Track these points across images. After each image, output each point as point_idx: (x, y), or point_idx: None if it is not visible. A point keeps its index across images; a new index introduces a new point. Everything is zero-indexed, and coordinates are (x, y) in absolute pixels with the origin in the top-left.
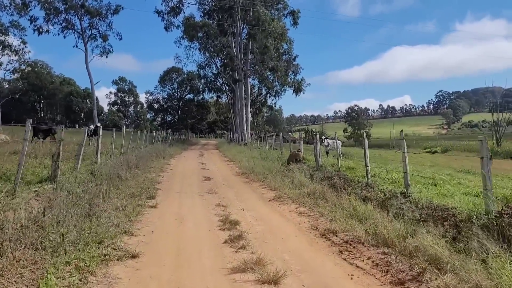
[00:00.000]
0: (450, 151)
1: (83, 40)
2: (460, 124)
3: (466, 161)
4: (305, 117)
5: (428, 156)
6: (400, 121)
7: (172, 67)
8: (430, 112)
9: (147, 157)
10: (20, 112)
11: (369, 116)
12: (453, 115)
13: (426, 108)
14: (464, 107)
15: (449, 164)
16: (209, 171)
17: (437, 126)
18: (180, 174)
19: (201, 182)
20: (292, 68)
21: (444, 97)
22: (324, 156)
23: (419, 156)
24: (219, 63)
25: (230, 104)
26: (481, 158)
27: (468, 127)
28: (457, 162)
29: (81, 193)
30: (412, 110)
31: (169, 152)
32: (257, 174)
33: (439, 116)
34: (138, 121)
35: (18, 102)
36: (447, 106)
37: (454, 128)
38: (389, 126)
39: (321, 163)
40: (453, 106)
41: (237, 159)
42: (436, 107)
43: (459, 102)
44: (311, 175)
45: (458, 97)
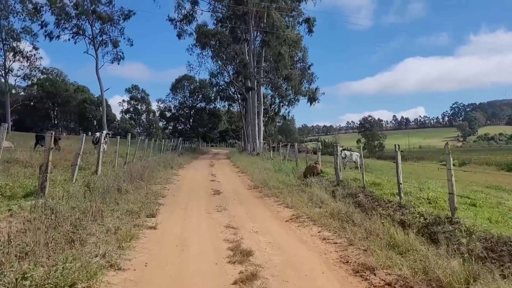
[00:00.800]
0: (468, 164)
1: (94, 46)
2: (476, 136)
3: (488, 176)
4: (317, 127)
5: None
6: (414, 133)
7: (184, 75)
8: (445, 124)
9: (154, 167)
10: (34, 119)
11: (382, 127)
12: (469, 128)
13: (441, 120)
14: (480, 119)
15: (471, 178)
16: (219, 184)
17: (452, 138)
18: (188, 187)
19: (209, 197)
20: (306, 76)
21: (459, 109)
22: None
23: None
24: (231, 71)
25: (242, 113)
26: None
27: (484, 140)
28: (478, 177)
29: (68, 211)
30: (426, 122)
31: (178, 161)
32: (271, 188)
33: (454, 128)
34: (150, 129)
35: (32, 109)
36: (463, 118)
37: (470, 140)
38: (403, 138)
39: (342, 177)
40: (469, 118)
41: (249, 171)
42: (451, 119)
43: (475, 114)
44: (332, 192)
45: (473, 109)
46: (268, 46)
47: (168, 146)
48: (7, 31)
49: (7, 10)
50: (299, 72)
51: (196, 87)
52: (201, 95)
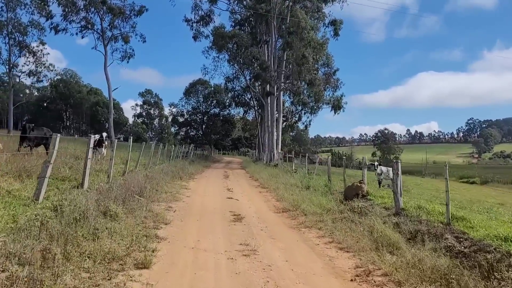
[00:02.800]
0: (491, 182)
1: (103, 41)
2: (492, 154)
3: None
4: (330, 138)
5: (473, 188)
6: (428, 148)
7: (199, 79)
8: (459, 140)
9: (160, 177)
10: (46, 119)
11: (395, 141)
12: (484, 144)
13: (455, 135)
14: (496, 136)
15: (497, 198)
16: (238, 203)
17: (467, 154)
18: (199, 207)
19: (228, 225)
20: (332, 82)
21: (474, 125)
22: (384, 189)
23: (469, 188)
24: (248, 76)
25: (257, 120)
26: None
27: (500, 157)
28: (503, 196)
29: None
30: (440, 137)
31: (189, 170)
32: (306, 213)
33: (469, 144)
34: (162, 134)
35: (45, 110)
36: (478, 135)
37: (485, 157)
38: (417, 152)
39: (402, 203)
40: (484, 135)
41: (270, 186)
42: (466, 135)
43: (491, 131)
44: (395, 225)
45: (489, 126)
46: (291, 48)
47: (178, 152)
48: (13, 24)
49: (14, 2)
50: (323, 77)
51: (211, 92)
52: (215, 101)
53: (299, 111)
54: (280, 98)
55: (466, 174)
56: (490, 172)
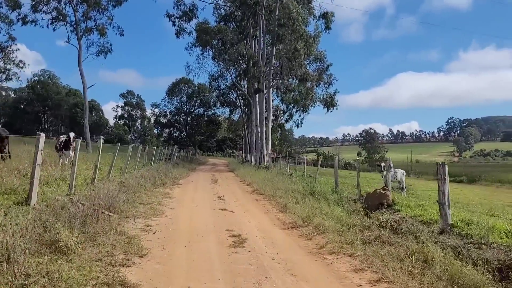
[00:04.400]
0: (478, 181)
1: (77, 34)
2: (472, 152)
3: (500, 193)
4: (313, 138)
5: (465, 188)
6: (410, 147)
7: (182, 78)
8: (440, 139)
9: (139, 184)
10: (24, 122)
11: (378, 140)
12: (465, 143)
13: (436, 134)
14: (476, 135)
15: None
16: (234, 216)
17: (448, 153)
18: (187, 225)
19: (227, 254)
20: (324, 78)
21: (455, 124)
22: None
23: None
24: (234, 74)
25: (244, 120)
26: None
27: (480, 155)
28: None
29: None
30: (422, 136)
31: (173, 174)
32: (323, 230)
33: (450, 143)
34: (144, 136)
35: (22, 112)
36: (458, 134)
37: (466, 156)
38: (399, 151)
39: (451, 218)
40: (465, 133)
41: (267, 192)
42: (446, 134)
43: (471, 130)
44: (457, 251)
45: (469, 125)
46: (282, 42)
47: (161, 154)
48: None
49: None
50: (316, 73)
51: (195, 91)
52: (200, 100)
53: (290, 109)
54: (269, 96)
55: (453, 173)
56: (474, 170)
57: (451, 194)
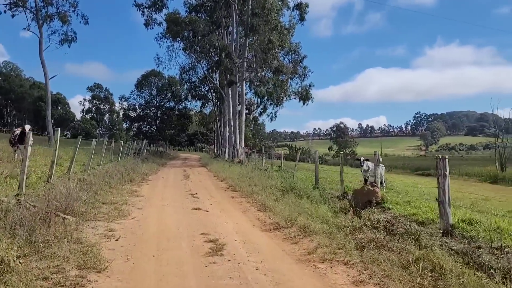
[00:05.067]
0: None
1: (37, 21)
2: (438, 146)
3: (469, 187)
4: (285, 133)
5: (433, 181)
6: (379, 141)
7: (152, 70)
8: (407, 133)
9: (103, 182)
10: None
11: (348, 134)
12: (431, 137)
13: (404, 129)
14: (442, 129)
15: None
16: (209, 217)
17: (415, 147)
18: (156, 229)
19: (204, 264)
20: (299, 71)
21: (421, 119)
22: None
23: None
24: (206, 67)
25: (216, 113)
26: None
27: (445, 149)
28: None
29: None
30: (390, 131)
31: (142, 170)
32: (309, 232)
33: (417, 137)
34: (113, 130)
35: None
36: (425, 128)
37: (432, 150)
38: (368, 145)
39: (452, 219)
40: (431, 128)
41: (243, 188)
42: (413, 129)
43: (437, 124)
44: (467, 257)
45: (435, 119)
46: (255, 33)
47: (129, 149)
48: None
49: None
50: (290, 65)
51: (165, 84)
52: (170, 94)
53: (264, 102)
54: (243, 89)
55: (421, 167)
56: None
57: (425, 188)
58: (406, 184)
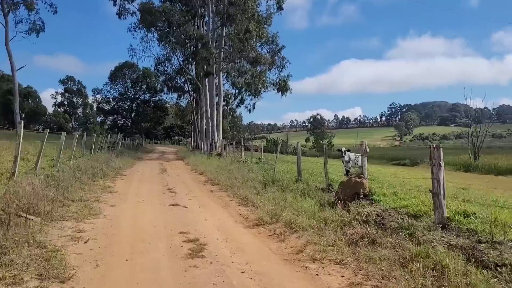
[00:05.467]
0: (421, 164)
1: (2, 9)
2: (412, 136)
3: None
4: (262, 125)
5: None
6: (355, 132)
7: (126, 62)
8: (382, 124)
9: (73, 178)
10: None
11: (325, 126)
12: (405, 128)
13: (379, 119)
14: (415, 120)
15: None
16: (188, 213)
17: (390, 137)
18: (130, 228)
19: (183, 269)
20: (277, 61)
21: (396, 109)
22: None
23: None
24: (181, 58)
25: (192, 106)
26: None
27: (419, 139)
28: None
29: None
30: (365, 121)
31: (117, 164)
32: (296, 228)
33: (391, 128)
34: (87, 124)
35: None
36: (399, 119)
37: (407, 140)
38: (345, 136)
39: (447, 212)
40: (405, 118)
41: (223, 182)
42: (388, 119)
43: (410, 115)
44: (469, 255)
45: (409, 110)
46: (232, 22)
47: (103, 143)
48: None
49: None
50: (268, 55)
51: (139, 76)
52: (145, 86)
53: (242, 93)
54: (220, 80)
55: (397, 157)
56: (415, 153)
57: (402, 177)
58: (385, 174)
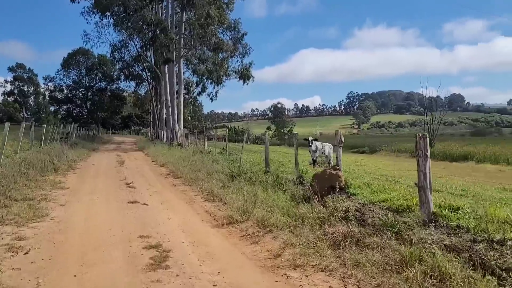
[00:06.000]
0: (379, 151)
1: None
2: (369, 124)
3: (403, 162)
4: (223, 114)
5: (371, 158)
6: (314, 120)
7: (79, 48)
8: (341, 112)
9: (19, 173)
10: None
11: (285, 114)
12: (363, 116)
13: (337, 108)
14: (372, 108)
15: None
16: (149, 211)
17: (348, 126)
18: (80, 234)
19: (143, 285)
20: (240, 48)
21: (354, 98)
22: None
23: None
24: (139, 44)
25: (152, 94)
26: None
27: (376, 127)
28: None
29: None
30: (324, 110)
31: (70, 156)
32: (270, 227)
33: (349, 116)
34: (39, 114)
35: None
36: (357, 107)
37: (364, 128)
38: (305, 125)
39: (433, 206)
40: (363, 107)
41: (186, 174)
42: (346, 108)
43: (368, 103)
44: (465, 257)
45: (366, 99)
46: (193, 7)
47: (55, 133)
48: None
49: None
50: (231, 42)
51: (95, 63)
52: (101, 73)
53: (203, 81)
54: (180, 67)
55: (356, 144)
56: (373, 141)
57: (364, 166)
58: (347, 163)
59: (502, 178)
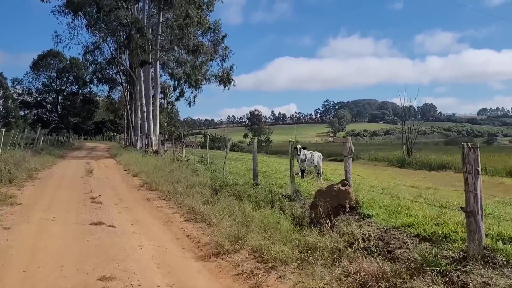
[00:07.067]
0: (357, 160)
1: None
2: (345, 132)
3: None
4: (199, 120)
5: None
6: (291, 128)
7: (50, 50)
8: (317, 120)
9: None
10: None
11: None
12: (338, 124)
13: (314, 116)
14: (348, 117)
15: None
16: (115, 238)
17: (324, 134)
18: (19, 278)
19: None
20: (220, 51)
21: (329, 106)
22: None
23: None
24: (113, 46)
25: (126, 98)
26: None
27: (351, 135)
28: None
29: None
30: (301, 118)
31: (32, 164)
32: (271, 262)
33: (325, 124)
34: (8, 118)
35: None
36: (333, 116)
37: (340, 136)
38: (282, 133)
39: (485, 241)
40: (338, 115)
41: (162, 187)
42: (322, 116)
43: (343, 112)
44: None
45: (341, 107)
46: (171, 6)
47: (18, 139)
48: None
49: None
50: (210, 44)
51: (66, 66)
52: (73, 77)
53: (181, 85)
54: (156, 71)
55: (333, 153)
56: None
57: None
58: (329, 171)
59: (486, 188)
